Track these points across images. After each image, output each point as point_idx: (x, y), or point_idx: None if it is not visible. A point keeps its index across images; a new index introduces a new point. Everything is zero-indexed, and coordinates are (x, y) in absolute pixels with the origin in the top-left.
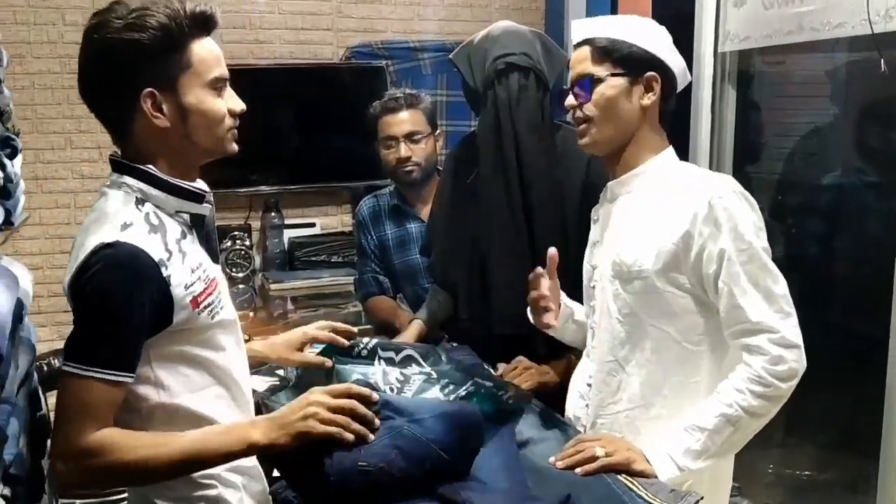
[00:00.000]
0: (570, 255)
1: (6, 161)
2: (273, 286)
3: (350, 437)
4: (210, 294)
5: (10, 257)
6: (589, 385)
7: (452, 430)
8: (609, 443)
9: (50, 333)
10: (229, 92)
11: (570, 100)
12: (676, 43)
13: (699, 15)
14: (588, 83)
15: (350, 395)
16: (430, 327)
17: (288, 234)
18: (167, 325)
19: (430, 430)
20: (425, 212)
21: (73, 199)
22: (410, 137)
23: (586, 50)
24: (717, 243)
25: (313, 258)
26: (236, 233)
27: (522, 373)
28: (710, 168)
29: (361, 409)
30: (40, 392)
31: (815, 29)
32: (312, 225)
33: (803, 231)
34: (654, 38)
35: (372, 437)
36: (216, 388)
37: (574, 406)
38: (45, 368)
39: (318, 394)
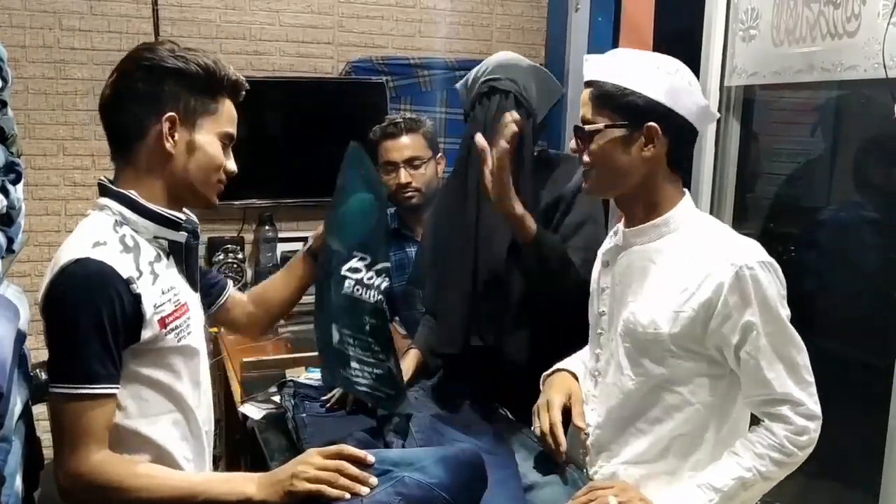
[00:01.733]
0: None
1: (10, 187)
2: None
3: (334, 492)
4: (179, 317)
5: (6, 279)
6: (588, 434)
7: (454, 473)
8: (622, 491)
9: (37, 342)
10: (230, 152)
11: (573, 144)
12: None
13: (706, 48)
14: (583, 130)
15: (342, 456)
16: (427, 357)
17: (281, 247)
18: (135, 341)
19: (432, 475)
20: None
21: (63, 206)
22: (410, 163)
23: (588, 93)
24: (743, 315)
25: None
26: (229, 245)
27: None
28: (713, 200)
29: (351, 469)
30: (34, 418)
31: (826, 69)
32: (306, 239)
33: (804, 262)
34: (662, 84)
35: (365, 490)
36: (173, 414)
37: (573, 451)
38: (34, 381)
39: (309, 454)
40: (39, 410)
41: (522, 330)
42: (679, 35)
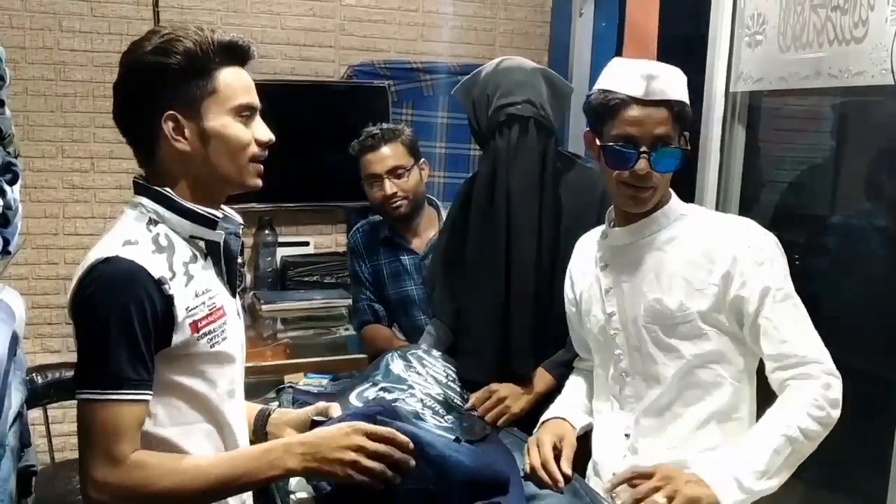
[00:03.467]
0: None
1: (6, 188)
2: (264, 307)
3: (381, 486)
4: (212, 322)
5: (3, 282)
6: (627, 435)
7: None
8: (665, 478)
9: (33, 346)
10: (258, 122)
11: (644, 165)
12: (687, 79)
13: (712, 54)
14: (673, 154)
15: (389, 440)
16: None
17: (281, 252)
18: (166, 345)
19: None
20: (417, 243)
21: (62, 209)
22: (394, 173)
23: (665, 112)
24: (757, 282)
25: (306, 278)
26: None
27: (497, 404)
28: (717, 206)
29: (403, 459)
30: (28, 423)
31: (833, 75)
32: (306, 244)
33: (810, 269)
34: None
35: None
36: (204, 424)
37: (606, 459)
38: (29, 385)
39: (359, 435)
40: (35, 416)
41: (540, 356)
42: (683, 40)
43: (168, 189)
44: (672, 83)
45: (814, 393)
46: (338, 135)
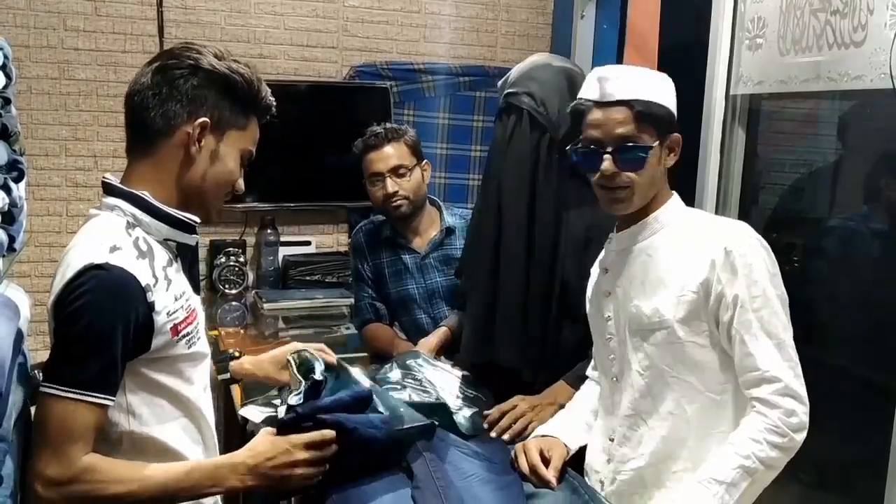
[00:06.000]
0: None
1: (12, 185)
2: (266, 305)
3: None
4: (190, 324)
5: (7, 279)
6: (612, 440)
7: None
8: None
9: (35, 343)
10: (242, 171)
11: (610, 165)
12: (687, 82)
13: (712, 57)
14: (636, 151)
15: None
16: (456, 336)
17: (283, 251)
18: (145, 351)
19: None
20: (418, 242)
21: (65, 207)
22: (396, 172)
23: (625, 112)
24: (732, 289)
25: (307, 277)
26: (231, 248)
27: (521, 416)
28: (717, 209)
29: (332, 451)
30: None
31: (833, 79)
32: (308, 243)
33: (812, 273)
34: (672, 96)
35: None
36: (184, 419)
37: (594, 460)
38: (32, 382)
39: (298, 450)
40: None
41: (541, 350)
42: (684, 43)
43: (145, 192)
44: (628, 83)
45: (775, 419)
46: (340, 135)
